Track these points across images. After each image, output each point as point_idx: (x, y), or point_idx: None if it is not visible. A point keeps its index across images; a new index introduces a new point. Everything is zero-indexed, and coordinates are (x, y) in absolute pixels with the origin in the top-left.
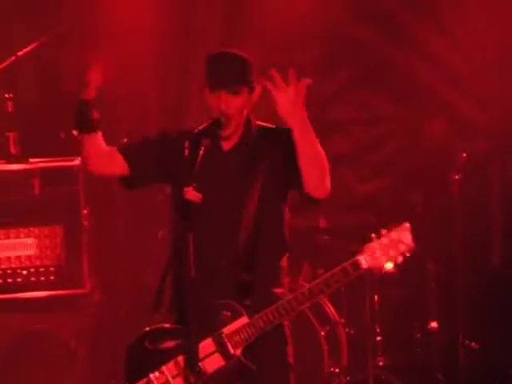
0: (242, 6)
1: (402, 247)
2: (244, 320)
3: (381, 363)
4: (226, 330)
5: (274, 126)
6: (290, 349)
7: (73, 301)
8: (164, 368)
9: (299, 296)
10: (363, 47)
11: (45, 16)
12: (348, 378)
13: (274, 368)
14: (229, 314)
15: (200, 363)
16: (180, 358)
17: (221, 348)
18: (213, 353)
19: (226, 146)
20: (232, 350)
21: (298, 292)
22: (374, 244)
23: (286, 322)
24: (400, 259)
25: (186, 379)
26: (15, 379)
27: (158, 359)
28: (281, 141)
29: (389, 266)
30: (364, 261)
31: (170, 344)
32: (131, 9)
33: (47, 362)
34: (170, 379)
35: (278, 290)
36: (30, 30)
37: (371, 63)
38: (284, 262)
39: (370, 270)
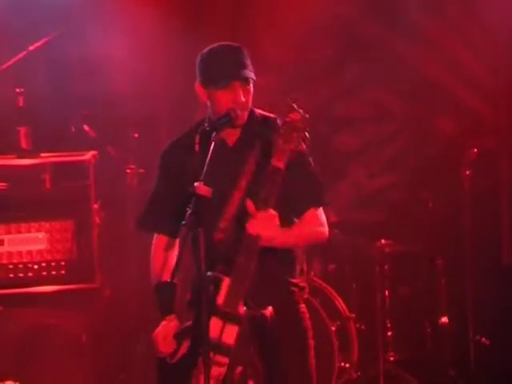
0: (253, 3)
1: (299, 124)
2: (226, 281)
3: (391, 358)
4: (219, 300)
5: (274, 116)
6: (311, 342)
7: (83, 295)
8: (196, 367)
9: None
10: (374, 44)
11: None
12: (359, 373)
13: (296, 360)
14: (212, 287)
15: (222, 341)
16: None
17: (226, 317)
18: (223, 326)
19: (231, 139)
20: (235, 312)
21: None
22: (278, 143)
23: (307, 315)
24: (306, 134)
25: (219, 365)
26: (25, 373)
27: (187, 361)
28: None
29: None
30: (278, 161)
31: (188, 343)
32: (140, 5)
33: (57, 357)
34: (206, 373)
35: (292, 277)
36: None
37: (382, 60)
38: (297, 249)
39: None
